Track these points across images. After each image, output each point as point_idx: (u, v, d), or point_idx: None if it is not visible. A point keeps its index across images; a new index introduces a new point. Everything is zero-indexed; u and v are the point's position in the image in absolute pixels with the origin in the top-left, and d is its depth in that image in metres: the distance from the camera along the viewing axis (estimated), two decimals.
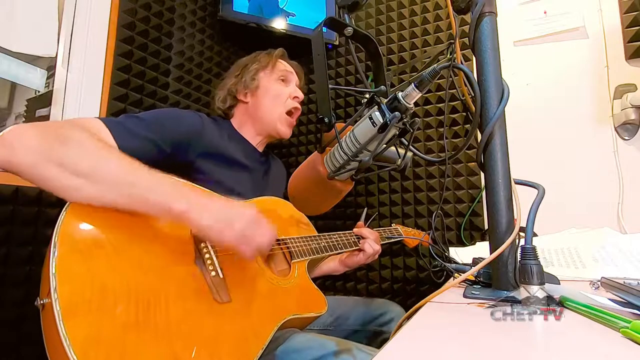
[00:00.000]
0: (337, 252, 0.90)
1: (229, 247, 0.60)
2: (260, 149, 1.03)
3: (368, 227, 1.00)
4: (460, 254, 0.91)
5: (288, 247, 0.80)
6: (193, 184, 0.68)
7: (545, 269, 0.49)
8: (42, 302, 0.47)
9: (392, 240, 1.06)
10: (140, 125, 0.71)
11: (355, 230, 0.97)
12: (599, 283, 0.52)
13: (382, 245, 0.98)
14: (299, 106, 1.03)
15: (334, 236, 0.91)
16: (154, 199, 0.54)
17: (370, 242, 0.94)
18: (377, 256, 0.96)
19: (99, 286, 0.47)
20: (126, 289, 0.49)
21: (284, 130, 1.00)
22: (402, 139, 0.63)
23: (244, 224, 0.59)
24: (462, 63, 0.80)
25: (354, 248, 0.94)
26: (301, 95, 1.03)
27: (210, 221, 0.57)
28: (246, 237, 0.59)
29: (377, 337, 0.95)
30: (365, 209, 1.13)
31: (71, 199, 0.51)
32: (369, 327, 0.95)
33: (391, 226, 1.11)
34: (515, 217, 0.52)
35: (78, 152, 0.53)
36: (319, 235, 0.89)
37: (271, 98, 0.99)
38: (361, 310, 0.98)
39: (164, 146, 0.74)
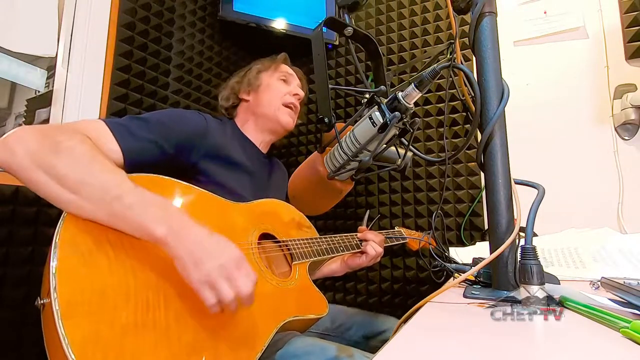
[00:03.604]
0: (338, 255, 0.89)
1: (192, 287, 0.52)
2: (264, 150, 1.03)
3: (371, 229, 0.99)
4: (460, 254, 0.91)
5: (289, 249, 0.80)
6: (190, 187, 0.67)
7: (545, 269, 0.49)
8: (42, 302, 0.47)
9: (396, 243, 1.06)
10: (144, 127, 0.70)
11: (359, 235, 0.96)
12: (599, 283, 0.52)
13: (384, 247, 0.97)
14: (298, 104, 1.04)
15: (336, 238, 0.91)
16: (134, 219, 0.52)
17: (373, 244, 0.93)
18: (379, 259, 0.96)
19: (99, 287, 0.48)
20: (125, 290, 0.49)
21: (286, 119, 1.01)
22: (402, 139, 0.63)
23: (215, 266, 0.51)
24: (462, 63, 0.80)
25: (356, 250, 0.93)
26: (302, 93, 1.04)
27: (182, 252, 0.51)
28: (211, 282, 0.51)
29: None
30: (368, 211, 1.13)
31: (65, 210, 0.51)
32: (371, 342, 0.93)
33: (394, 229, 1.11)
34: (515, 217, 0.52)
35: (67, 164, 0.52)
36: (320, 238, 0.88)
37: (272, 93, 1.01)
38: (364, 323, 0.96)
39: (168, 148, 0.73)
